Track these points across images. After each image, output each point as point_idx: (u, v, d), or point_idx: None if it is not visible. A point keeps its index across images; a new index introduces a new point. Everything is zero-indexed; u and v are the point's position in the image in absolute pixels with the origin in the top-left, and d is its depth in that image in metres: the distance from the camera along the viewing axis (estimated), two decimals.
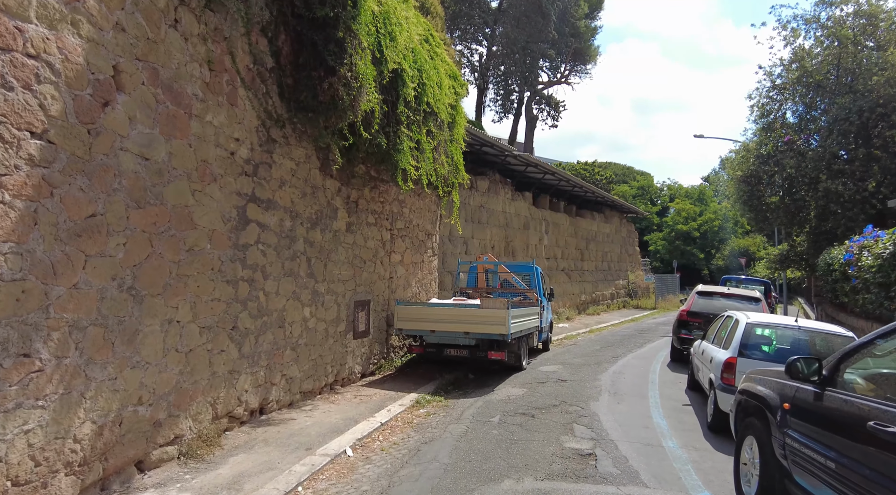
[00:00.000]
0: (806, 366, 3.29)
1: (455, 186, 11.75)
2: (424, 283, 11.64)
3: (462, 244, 16.80)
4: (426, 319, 9.48)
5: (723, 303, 10.64)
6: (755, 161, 16.49)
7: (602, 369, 10.54)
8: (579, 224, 27.68)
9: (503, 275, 12.65)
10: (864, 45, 15.06)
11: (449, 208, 12.40)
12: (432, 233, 12.07)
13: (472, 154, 19.51)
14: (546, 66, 31.65)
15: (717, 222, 49.77)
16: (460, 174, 12.04)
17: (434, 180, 10.38)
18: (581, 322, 22.20)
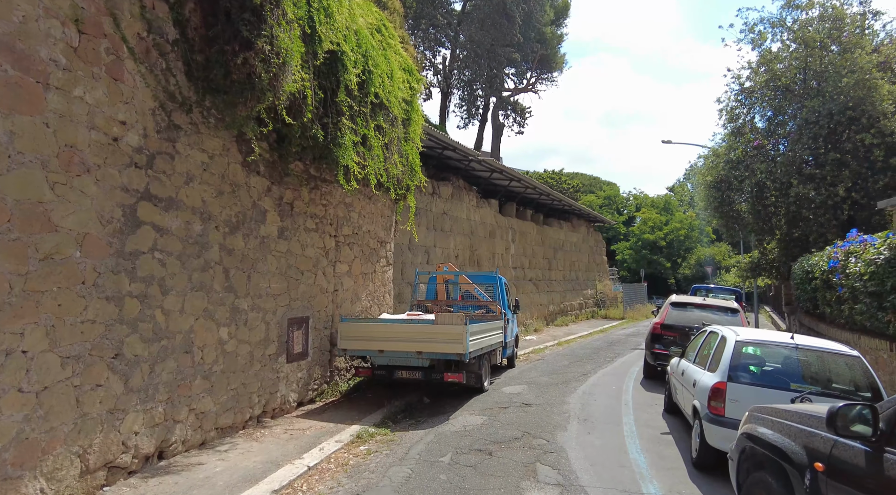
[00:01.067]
0: (856, 416, 2.35)
1: (411, 189, 10.72)
2: (377, 296, 10.50)
3: (423, 253, 15.74)
4: (374, 338, 8.35)
5: (699, 315, 9.86)
6: (725, 166, 16.01)
7: (571, 389, 9.57)
8: (547, 233, 26.98)
9: (465, 287, 11.63)
10: (829, 49, 14.77)
11: (405, 213, 11.34)
12: (386, 240, 10.97)
13: (434, 158, 18.55)
14: (512, 73, 31.09)
15: (682, 231, 50.12)
16: (417, 176, 11.02)
17: (385, 181, 9.31)
18: (549, 334, 21.35)
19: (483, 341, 9.12)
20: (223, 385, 6.54)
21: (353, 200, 9.63)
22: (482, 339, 9.06)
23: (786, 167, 14.06)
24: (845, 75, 12.99)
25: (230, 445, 6.34)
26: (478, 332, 8.75)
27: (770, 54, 15.56)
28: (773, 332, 6.05)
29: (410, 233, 15.32)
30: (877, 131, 12.70)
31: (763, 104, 16.08)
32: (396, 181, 10.08)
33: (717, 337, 5.88)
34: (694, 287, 19.78)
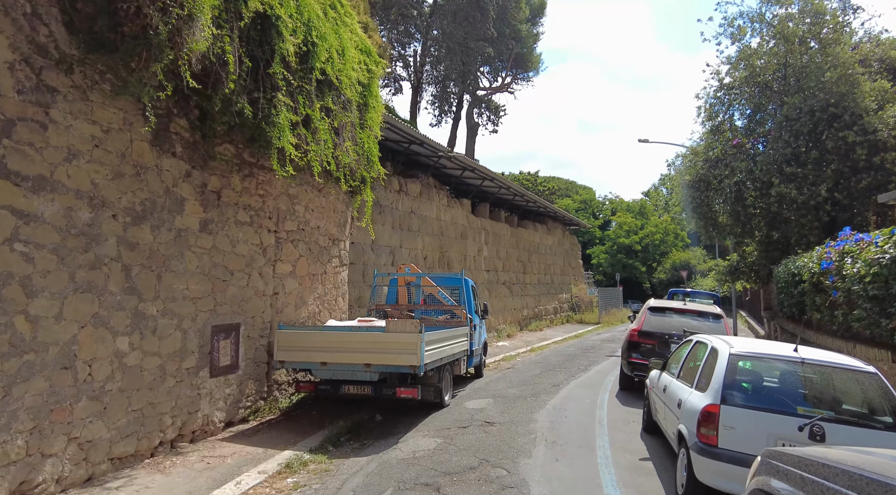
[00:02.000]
0: None
1: (367, 181, 9.70)
2: (327, 300, 9.44)
3: (388, 254, 14.71)
4: (316, 348, 7.30)
5: (679, 321, 9.06)
6: (704, 165, 15.38)
7: (540, 403, 8.65)
8: (521, 235, 26.19)
9: (428, 289, 10.64)
10: (808, 45, 14.27)
11: (363, 209, 10.31)
12: (340, 238, 9.92)
13: (402, 154, 17.55)
14: (486, 71, 30.31)
15: (658, 235, 50.06)
16: (374, 167, 10.03)
17: (334, 170, 8.28)
18: (522, 339, 20.49)
19: (443, 350, 8.14)
20: (121, 406, 5.41)
21: (298, 192, 8.57)
22: (442, 348, 8.08)
23: (766, 166, 13.45)
24: (828, 70, 12.43)
25: (126, 480, 5.23)
26: (436, 341, 7.77)
27: (749, 50, 15.01)
28: (771, 343, 5.20)
29: (374, 232, 14.28)
30: (859, 129, 12.16)
31: (742, 101, 15.51)
32: (349, 171, 9.06)
33: (705, 348, 5.01)
34: (671, 291, 19.14)
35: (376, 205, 14.38)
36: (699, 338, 5.53)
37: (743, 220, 15.23)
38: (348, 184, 8.94)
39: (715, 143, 15.69)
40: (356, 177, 9.16)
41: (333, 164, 8.23)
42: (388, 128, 13.56)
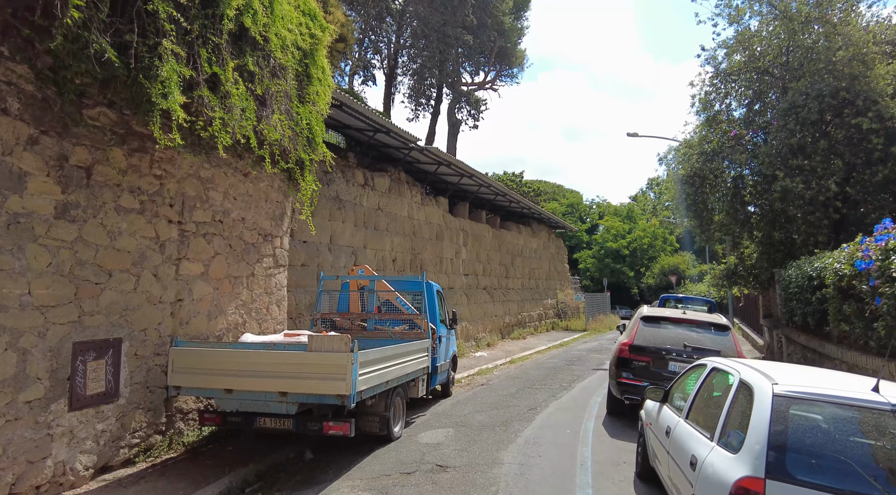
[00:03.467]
0: None
1: (305, 165, 8.12)
2: (256, 309, 7.82)
3: (349, 255, 13.11)
4: (220, 370, 5.69)
5: (677, 333, 7.58)
6: (699, 158, 14.00)
7: (511, 435, 7.09)
8: (504, 237, 24.71)
9: (384, 295, 9.06)
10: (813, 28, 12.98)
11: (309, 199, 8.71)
12: (275, 233, 8.32)
13: (370, 146, 15.98)
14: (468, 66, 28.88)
15: (646, 240, 48.95)
16: (317, 149, 8.47)
17: (255, 146, 6.70)
18: (503, 349, 18.96)
19: (391, 371, 6.57)
20: None
21: (214, 174, 6.97)
22: (389, 369, 6.51)
23: (769, 158, 12.09)
24: (839, 49, 11.10)
25: None
26: (380, 361, 6.19)
27: (748, 32, 13.69)
28: (829, 376, 3.64)
29: (332, 230, 12.70)
30: (875, 115, 10.84)
31: (741, 89, 14.18)
32: (281, 151, 7.48)
33: (727, 380, 3.48)
34: (662, 296, 17.73)
35: (335, 199, 12.81)
36: (716, 363, 4.00)
37: (742, 219, 13.87)
38: (278, 165, 7.35)
39: (711, 135, 14.33)
40: (290, 158, 7.57)
41: (254, 139, 6.64)
42: (346, 111, 12.01)
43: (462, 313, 18.64)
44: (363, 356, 5.65)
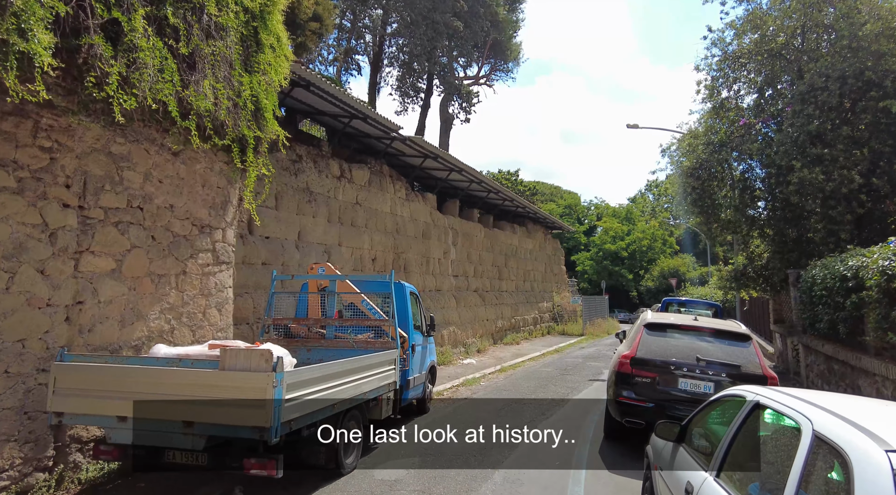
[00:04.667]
0: None
1: (249, 144, 6.93)
2: (189, 313, 6.59)
3: (322, 253, 11.90)
4: (113, 393, 4.47)
5: (689, 344, 6.38)
6: (705, 149, 12.83)
7: (487, 471, 5.87)
8: (497, 237, 23.52)
9: (348, 298, 7.85)
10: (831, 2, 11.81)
11: (253, 184, 7.52)
12: (215, 224, 7.10)
13: (348, 136, 14.78)
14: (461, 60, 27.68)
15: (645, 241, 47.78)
16: (268, 127, 7.30)
17: (176, 115, 5.50)
18: (494, 355, 17.75)
19: (340, 391, 5.35)
20: None
21: (130, 151, 5.75)
22: (338, 389, 5.30)
23: (784, 147, 10.91)
24: (866, 23, 9.93)
25: None
26: (320, 380, 4.98)
27: (760, 12, 12.52)
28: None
29: (300, 225, 11.50)
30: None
31: (751, 75, 13.01)
32: (219, 125, 6.29)
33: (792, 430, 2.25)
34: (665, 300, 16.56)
35: (305, 191, 11.60)
36: (764, 397, 2.69)
37: (752, 215, 12.69)
38: (211, 141, 6.14)
39: (718, 125, 13.16)
40: (227, 134, 6.37)
41: (174, 106, 5.44)
42: (315, 93, 10.81)
43: (450, 317, 17.43)
44: (293, 376, 4.44)
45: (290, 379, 4.38)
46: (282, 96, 11.00)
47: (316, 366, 5.00)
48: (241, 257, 9.78)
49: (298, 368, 4.66)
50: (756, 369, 5.90)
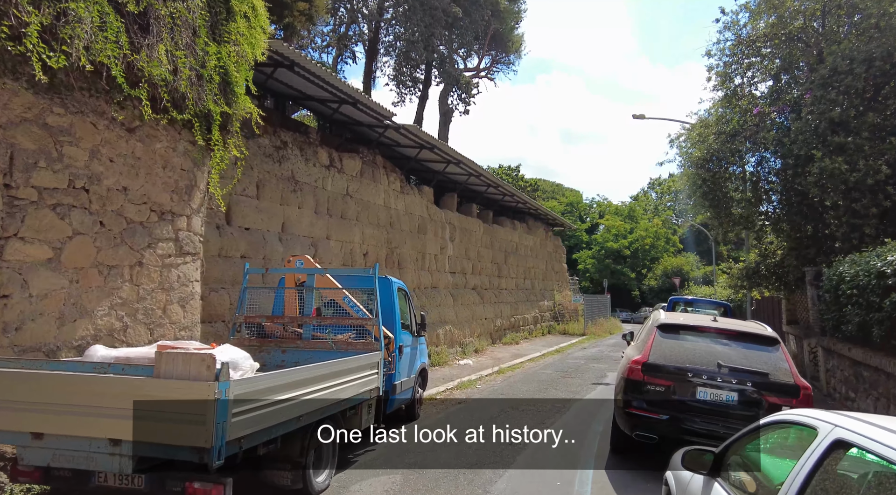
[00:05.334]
0: None
1: (215, 120, 6.21)
2: (147, 309, 5.87)
3: (308, 247, 11.17)
4: (29, 405, 3.74)
5: (708, 348, 5.64)
6: (716, 139, 12.08)
7: (478, 489, 5.14)
8: (497, 233, 22.78)
9: (329, 294, 7.12)
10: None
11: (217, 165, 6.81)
12: (179, 211, 6.37)
13: (341, 124, 14.06)
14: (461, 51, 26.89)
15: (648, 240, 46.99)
16: (238, 104, 6.59)
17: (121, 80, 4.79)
18: (492, 355, 17.04)
19: (308, 402, 4.64)
20: None
21: (73, 123, 5.01)
22: (305, 398, 4.58)
23: (804, 136, 10.16)
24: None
25: None
26: (282, 389, 4.26)
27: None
28: None
29: (284, 216, 10.77)
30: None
31: (765, 61, 12.24)
32: (176, 97, 5.56)
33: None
34: (671, 299, 15.80)
35: (290, 180, 10.87)
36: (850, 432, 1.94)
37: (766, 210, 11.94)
38: (168, 115, 5.41)
39: (730, 114, 12.41)
40: (189, 108, 5.64)
41: (119, 70, 4.71)
42: (300, 74, 10.08)
43: (447, 315, 16.71)
44: (243, 385, 3.71)
45: (240, 390, 3.66)
46: (263, 77, 10.27)
47: (275, 374, 4.28)
48: (218, 249, 9.07)
49: (252, 376, 3.95)
50: (786, 377, 5.17)
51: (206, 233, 9.01)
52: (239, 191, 9.66)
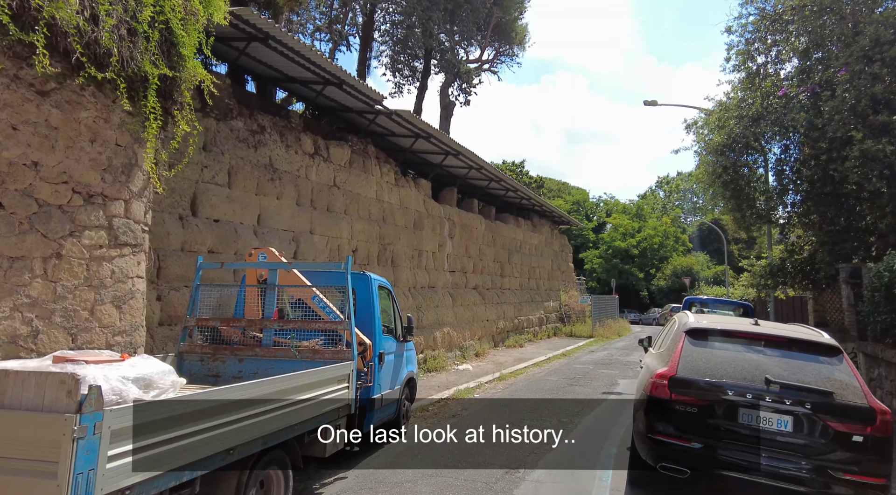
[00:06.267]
0: None
1: (151, 84, 5.21)
2: (67, 311, 4.86)
3: (289, 242, 10.17)
4: None
5: (753, 359, 4.54)
6: (738, 123, 10.98)
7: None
8: (500, 230, 21.72)
9: (296, 293, 6.10)
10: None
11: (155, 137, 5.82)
12: (112, 194, 5.36)
13: (326, 110, 13.07)
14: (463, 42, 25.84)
15: (657, 239, 45.73)
16: (186, 68, 5.58)
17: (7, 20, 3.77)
18: (494, 359, 15.98)
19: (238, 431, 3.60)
20: None
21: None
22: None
23: (840, 115, 9.05)
24: None
25: None
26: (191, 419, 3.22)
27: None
28: None
29: (261, 207, 9.77)
30: None
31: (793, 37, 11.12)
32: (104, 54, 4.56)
33: None
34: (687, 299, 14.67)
35: (267, 168, 9.87)
36: None
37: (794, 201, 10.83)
38: (82, 70, 4.40)
39: (752, 96, 11.30)
40: (109, 66, 4.63)
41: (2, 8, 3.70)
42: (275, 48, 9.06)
43: (445, 317, 15.67)
44: (124, 416, 2.68)
45: (120, 422, 2.63)
46: (235, 53, 9.28)
47: (183, 398, 3.25)
48: (180, 243, 8.08)
49: (144, 403, 2.92)
50: (857, 398, 4.09)
51: (167, 224, 8.04)
52: (207, 178, 8.67)
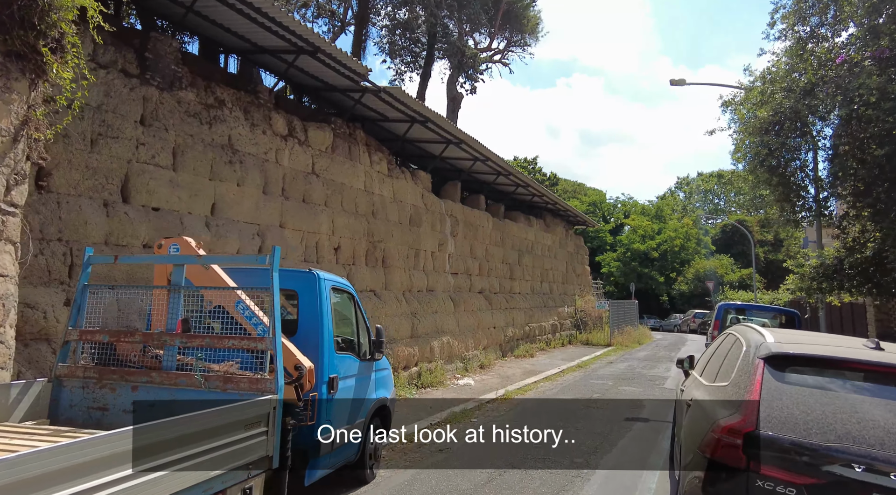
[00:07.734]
0: None
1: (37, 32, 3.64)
2: None
3: (252, 237, 8.62)
4: None
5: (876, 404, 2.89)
6: (786, 96, 9.20)
7: None
8: (509, 229, 20.03)
9: (215, 297, 4.51)
10: None
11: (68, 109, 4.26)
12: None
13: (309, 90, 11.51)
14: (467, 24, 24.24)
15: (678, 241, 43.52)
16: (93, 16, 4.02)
17: None
18: (500, 372, 14.27)
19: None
20: None
21: None
22: None
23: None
24: None
25: None
26: None
27: None
28: None
29: (216, 194, 8.25)
30: None
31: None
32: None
33: None
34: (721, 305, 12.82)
35: (226, 148, 8.35)
36: None
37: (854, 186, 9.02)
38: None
39: (805, 66, 9.50)
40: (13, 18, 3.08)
41: None
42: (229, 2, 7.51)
43: (445, 324, 14.01)
44: None
45: None
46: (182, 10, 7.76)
47: None
48: (104, 235, 6.57)
49: None
50: None
51: (84, 212, 6.52)
52: (145, 157, 7.16)
